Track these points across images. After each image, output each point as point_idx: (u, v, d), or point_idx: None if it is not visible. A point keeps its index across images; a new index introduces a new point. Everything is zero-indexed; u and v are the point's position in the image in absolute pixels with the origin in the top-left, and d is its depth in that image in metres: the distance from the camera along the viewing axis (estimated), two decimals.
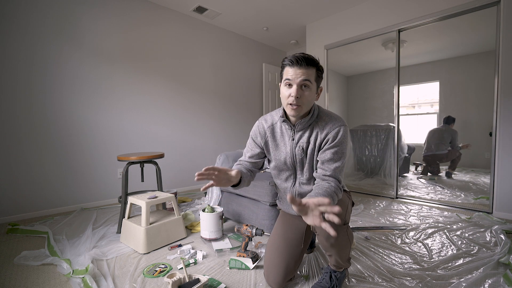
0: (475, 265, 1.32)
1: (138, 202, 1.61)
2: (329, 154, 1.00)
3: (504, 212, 2.11)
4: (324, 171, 1.01)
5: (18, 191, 2.14)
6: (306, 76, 0.93)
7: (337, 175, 1.00)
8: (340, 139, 1.00)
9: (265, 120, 1.17)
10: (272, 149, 1.13)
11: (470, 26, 2.27)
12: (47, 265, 1.38)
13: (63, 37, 2.33)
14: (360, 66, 3.08)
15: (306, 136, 1.05)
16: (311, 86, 0.96)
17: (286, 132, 1.09)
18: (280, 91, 1.02)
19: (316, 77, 0.97)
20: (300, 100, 0.95)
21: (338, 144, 1.00)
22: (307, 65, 0.94)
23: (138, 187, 2.85)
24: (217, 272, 1.31)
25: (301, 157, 1.07)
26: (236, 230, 1.46)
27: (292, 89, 0.95)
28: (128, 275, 1.27)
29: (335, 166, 1.00)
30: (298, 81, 0.93)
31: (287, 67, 0.97)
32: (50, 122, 2.28)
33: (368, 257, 1.44)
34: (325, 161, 1.01)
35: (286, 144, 1.10)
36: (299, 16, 3.28)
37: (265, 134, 1.14)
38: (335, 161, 1.00)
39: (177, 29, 3.15)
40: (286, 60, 0.97)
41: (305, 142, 1.05)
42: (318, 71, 0.98)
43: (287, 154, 1.09)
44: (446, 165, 2.54)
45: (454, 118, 2.41)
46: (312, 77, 0.96)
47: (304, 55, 0.94)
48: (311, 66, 0.95)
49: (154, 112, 2.97)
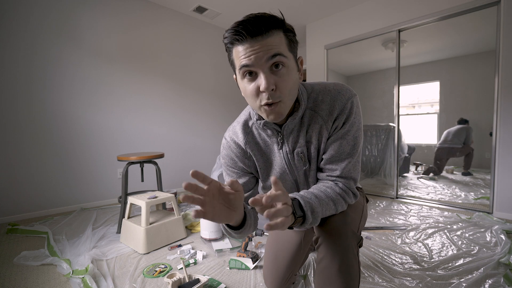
0: (475, 265, 1.32)
1: (138, 202, 1.61)
2: (336, 147, 0.68)
3: (504, 212, 2.11)
4: (331, 171, 0.70)
5: (18, 191, 2.14)
6: (275, 49, 0.56)
7: (349, 173, 0.69)
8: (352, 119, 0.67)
9: (235, 134, 0.79)
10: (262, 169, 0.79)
11: (470, 26, 2.27)
12: (47, 265, 1.38)
13: (63, 37, 2.33)
14: (360, 66, 3.08)
15: (303, 135, 0.71)
16: (287, 61, 0.59)
17: (269, 140, 0.75)
18: (241, 89, 0.65)
19: (288, 44, 0.60)
20: (278, 92, 0.59)
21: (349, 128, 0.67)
22: (267, 31, 0.56)
23: (138, 187, 2.85)
24: (217, 272, 1.31)
25: (303, 168, 0.74)
26: None
27: (260, 79, 0.58)
28: (128, 275, 1.27)
29: (347, 162, 0.68)
30: (264, 62, 0.57)
31: (236, 46, 0.59)
32: (50, 122, 2.28)
33: (368, 257, 1.44)
34: (332, 157, 0.69)
35: (276, 157, 0.76)
36: (299, 16, 3.28)
37: (247, 153, 0.78)
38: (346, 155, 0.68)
39: (177, 29, 3.15)
40: (229, 35, 0.58)
41: (303, 145, 0.71)
42: (288, 32, 0.60)
43: (283, 170, 0.76)
44: (455, 163, 2.54)
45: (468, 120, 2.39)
46: (284, 46, 0.58)
47: (257, 15, 0.56)
48: (275, 30, 0.57)
49: (154, 112, 2.97)
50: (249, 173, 0.82)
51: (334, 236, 0.67)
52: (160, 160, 2.99)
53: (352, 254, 0.67)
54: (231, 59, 0.63)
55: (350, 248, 0.67)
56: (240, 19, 0.56)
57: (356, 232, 0.70)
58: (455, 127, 2.48)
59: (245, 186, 0.80)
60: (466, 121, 2.40)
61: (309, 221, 0.59)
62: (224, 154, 0.82)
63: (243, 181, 0.80)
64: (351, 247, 0.67)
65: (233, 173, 0.81)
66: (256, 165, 0.79)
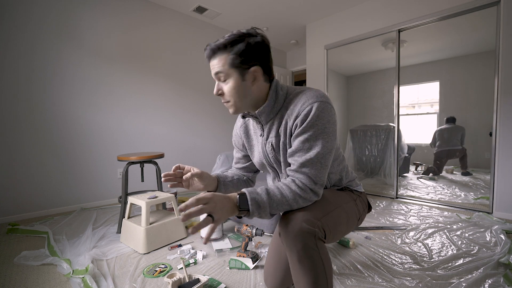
0: (475, 265, 1.32)
1: (138, 202, 1.61)
2: (296, 143, 0.77)
3: (504, 212, 2.11)
4: (291, 165, 0.78)
5: (18, 191, 2.14)
6: (217, 68, 0.78)
7: (307, 170, 0.74)
8: (311, 121, 0.74)
9: (238, 119, 1.03)
10: (250, 151, 0.99)
11: (470, 26, 2.27)
12: (47, 265, 1.38)
13: (63, 37, 2.33)
14: (360, 66, 3.08)
15: (275, 128, 0.84)
16: (227, 75, 0.78)
17: (257, 126, 0.92)
18: None
19: (231, 61, 0.76)
20: (225, 96, 0.82)
21: (308, 127, 0.75)
22: (214, 55, 0.78)
23: (138, 187, 2.85)
24: (217, 272, 1.31)
25: (272, 155, 0.87)
26: (236, 230, 1.46)
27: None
28: (128, 275, 1.27)
29: (305, 159, 0.74)
30: (214, 76, 0.81)
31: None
32: (50, 122, 2.28)
33: (368, 257, 1.44)
34: (292, 153, 0.78)
35: (258, 142, 0.93)
36: (299, 16, 3.28)
37: (241, 135, 1.01)
38: (304, 151, 0.75)
39: (177, 29, 3.15)
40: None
41: (274, 137, 0.85)
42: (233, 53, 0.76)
43: (260, 154, 0.93)
44: (453, 164, 2.54)
45: (455, 117, 2.41)
46: (225, 66, 0.77)
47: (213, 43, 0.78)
48: (221, 52, 0.77)
49: (154, 112, 2.97)
50: (241, 151, 1.05)
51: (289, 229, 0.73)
52: (160, 160, 2.99)
53: (311, 244, 0.72)
54: None
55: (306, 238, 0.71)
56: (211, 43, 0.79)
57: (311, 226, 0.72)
58: (447, 127, 2.48)
59: (244, 159, 1.06)
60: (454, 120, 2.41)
61: (255, 214, 0.71)
62: (233, 133, 1.07)
63: (239, 155, 1.06)
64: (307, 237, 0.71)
65: (236, 147, 1.06)
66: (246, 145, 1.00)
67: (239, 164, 1.06)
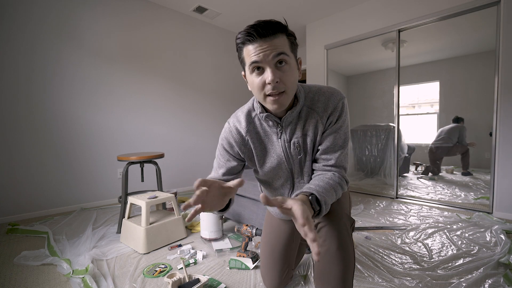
0: (475, 265, 1.32)
1: (138, 202, 1.61)
2: (331, 139, 0.79)
3: (504, 212, 2.11)
4: (326, 161, 0.80)
5: (18, 191, 2.14)
6: (279, 49, 0.67)
7: (342, 163, 0.80)
8: (344, 117, 0.79)
9: (238, 121, 0.88)
10: (259, 156, 0.88)
11: (470, 26, 2.27)
12: (47, 265, 1.38)
13: (63, 37, 2.33)
14: (360, 66, 3.08)
15: (300, 128, 0.81)
16: (289, 60, 0.70)
17: (270, 130, 0.84)
18: (249, 82, 0.75)
19: (290, 45, 0.71)
20: (282, 84, 0.69)
21: (341, 124, 0.79)
22: (274, 33, 0.67)
23: (138, 187, 2.85)
24: (217, 272, 1.31)
25: (299, 158, 0.83)
26: (236, 230, 1.46)
27: (266, 73, 0.68)
28: (128, 275, 1.27)
29: (340, 153, 0.79)
30: (271, 59, 0.67)
31: (247, 45, 0.69)
32: (50, 122, 2.28)
33: (368, 257, 1.44)
34: (327, 148, 0.80)
35: (274, 146, 0.85)
36: (299, 16, 3.28)
37: (245, 140, 0.87)
38: (339, 147, 0.79)
39: (177, 29, 3.15)
40: (242, 36, 0.69)
41: (300, 137, 0.81)
42: (290, 36, 0.71)
43: (279, 157, 0.85)
44: (450, 162, 2.54)
45: (462, 118, 2.40)
46: (287, 47, 0.70)
47: (265, 21, 0.67)
48: (280, 33, 0.68)
49: (154, 112, 2.97)
50: (240, 159, 0.91)
51: (333, 219, 0.77)
52: (160, 160, 2.99)
53: (347, 233, 0.77)
54: (241, 57, 0.73)
55: (345, 228, 0.77)
56: (251, 23, 0.68)
57: (348, 215, 0.81)
58: (449, 126, 2.48)
59: (233, 169, 0.90)
60: (460, 119, 2.40)
61: (323, 213, 0.69)
62: (224, 136, 0.90)
63: (233, 164, 0.90)
64: (346, 227, 0.77)
65: (227, 155, 0.90)
66: (253, 152, 0.88)
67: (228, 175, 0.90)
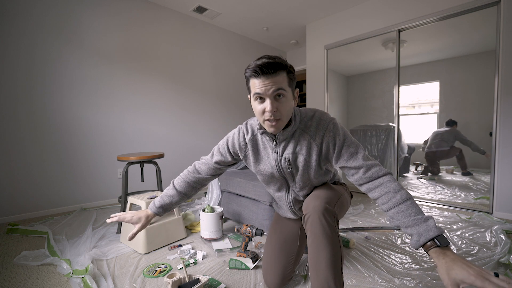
0: None
1: (138, 202, 1.61)
2: (346, 154, 0.89)
3: (504, 212, 2.11)
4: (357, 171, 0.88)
5: (18, 191, 2.14)
6: (278, 85, 0.81)
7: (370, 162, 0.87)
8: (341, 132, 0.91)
9: (246, 130, 1.04)
10: (254, 163, 1.04)
11: (470, 26, 2.27)
12: (47, 265, 1.38)
13: (63, 37, 2.33)
14: (360, 66, 3.08)
15: (291, 146, 0.95)
16: (286, 93, 0.84)
17: (268, 143, 0.99)
18: (252, 106, 0.89)
19: (288, 81, 0.85)
20: (278, 113, 0.84)
21: (343, 138, 0.90)
22: (275, 72, 0.81)
23: (138, 187, 2.85)
24: (217, 272, 1.31)
25: (289, 170, 0.98)
26: (236, 230, 1.46)
27: (266, 103, 0.83)
28: (128, 275, 1.27)
29: (362, 156, 0.88)
30: (270, 93, 0.81)
31: (253, 79, 0.84)
32: (50, 121, 2.28)
33: (368, 257, 1.44)
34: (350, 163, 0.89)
35: (269, 157, 1.00)
36: (299, 16, 3.28)
37: (246, 147, 1.04)
38: (356, 153, 0.89)
39: (177, 29, 3.15)
40: (249, 71, 0.83)
41: (290, 154, 0.95)
42: (289, 73, 0.85)
43: (273, 167, 1.00)
44: (447, 165, 2.54)
45: (455, 121, 2.40)
46: (285, 84, 0.83)
47: (269, 60, 0.80)
48: (280, 71, 0.82)
49: (154, 112, 2.97)
50: (234, 158, 1.09)
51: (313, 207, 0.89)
52: (160, 160, 2.99)
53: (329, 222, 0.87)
54: (248, 86, 0.88)
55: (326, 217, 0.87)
56: (258, 61, 0.81)
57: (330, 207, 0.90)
58: (443, 129, 2.48)
59: (224, 162, 1.10)
60: (454, 123, 2.40)
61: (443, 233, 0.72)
62: (232, 135, 1.07)
63: (227, 159, 1.09)
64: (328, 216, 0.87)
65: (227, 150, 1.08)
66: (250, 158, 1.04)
67: (219, 164, 1.10)
